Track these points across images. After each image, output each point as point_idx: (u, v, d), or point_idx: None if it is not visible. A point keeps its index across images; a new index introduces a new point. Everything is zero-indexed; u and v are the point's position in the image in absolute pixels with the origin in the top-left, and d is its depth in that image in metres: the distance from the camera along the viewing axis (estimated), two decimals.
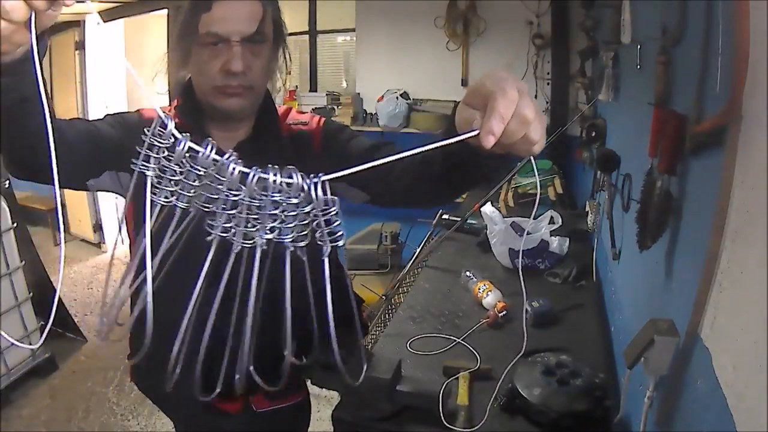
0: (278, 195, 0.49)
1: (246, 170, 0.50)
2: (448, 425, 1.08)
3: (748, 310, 0.61)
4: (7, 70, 0.59)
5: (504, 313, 1.53)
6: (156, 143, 0.49)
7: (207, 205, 0.51)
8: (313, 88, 4.40)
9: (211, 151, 0.49)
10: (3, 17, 0.48)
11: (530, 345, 1.39)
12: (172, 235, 0.53)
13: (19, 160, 0.80)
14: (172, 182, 0.49)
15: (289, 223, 0.50)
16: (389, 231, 3.49)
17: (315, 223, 0.50)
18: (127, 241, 1.20)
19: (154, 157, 0.49)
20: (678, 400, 0.81)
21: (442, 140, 0.56)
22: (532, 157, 0.60)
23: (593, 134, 2.13)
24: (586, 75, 2.61)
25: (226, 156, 0.50)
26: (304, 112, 1.14)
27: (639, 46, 1.38)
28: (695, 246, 0.81)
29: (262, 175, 0.49)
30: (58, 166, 0.84)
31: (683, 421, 0.79)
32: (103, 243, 4.66)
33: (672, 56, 1.03)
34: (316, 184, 0.50)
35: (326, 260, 0.52)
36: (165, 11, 4.15)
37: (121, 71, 4.73)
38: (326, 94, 4.04)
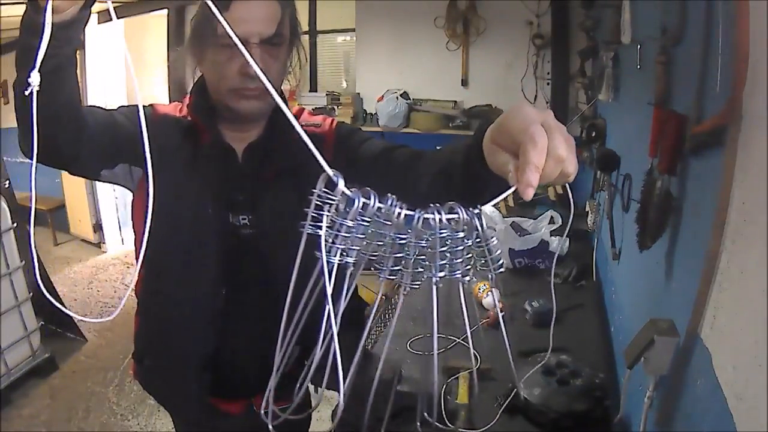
0: (445, 231, 0.49)
1: (410, 212, 0.49)
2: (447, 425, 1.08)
3: (748, 310, 0.61)
4: (62, 24, 0.57)
5: (504, 313, 1.53)
6: (326, 202, 0.49)
7: (374, 254, 0.50)
8: (313, 88, 4.40)
9: (376, 201, 0.48)
10: None
11: (530, 345, 1.39)
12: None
13: (42, 141, 0.78)
14: (346, 239, 0.49)
15: (457, 258, 0.50)
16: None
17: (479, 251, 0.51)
18: (126, 240, 1.20)
19: (326, 215, 0.48)
20: (678, 400, 0.81)
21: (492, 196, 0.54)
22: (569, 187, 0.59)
23: (593, 134, 2.13)
24: (586, 75, 2.61)
25: (389, 201, 0.49)
26: (316, 114, 1.13)
27: (639, 46, 1.38)
28: (695, 246, 0.81)
29: (426, 216, 0.49)
30: (77, 152, 0.83)
31: (683, 421, 0.79)
32: (103, 243, 4.66)
33: (672, 56, 1.03)
34: (478, 215, 0.50)
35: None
36: (165, 11, 4.15)
37: (120, 71, 4.74)
38: (326, 94, 4.04)
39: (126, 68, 4.58)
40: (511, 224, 1.95)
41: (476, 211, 0.50)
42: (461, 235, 0.50)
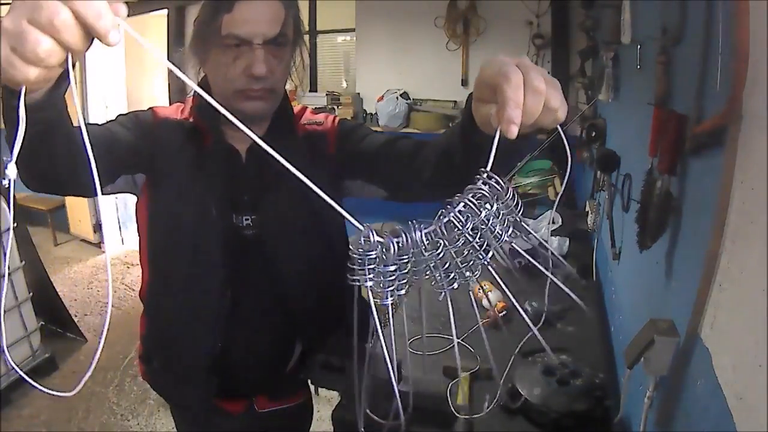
0: (474, 219, 0.50)
1: (429, 228, 0.50)
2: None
3: (748, 310, 0.61)
4: (37, 106, 0.55)
5: (504, 313, 1.53)
6: (367, 257, 0.50)
7: (416, 277, 0.52)
8: (313, 88, 4.40)
9: (407, 238, 0.49)
10: (39, 65, 0.45)
11: (530, 345, 1.39)
12: None
13: (41, 178, 0.77)
14: (394, 282, 0.51)
15: (495, 227, 0.51)
16: (389, 231, 3.48)
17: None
18: (126, 241, 1.20)
19: (369, 268, 0.50)
20: (678, 400, 0.81)
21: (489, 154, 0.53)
22: (559, 129, 0.58)
23: (593, 134, 2.13)
24: (586, 75, 2.61)
25: (413, 230, 0.50)
26: (319, 112, 1.13)
27: (639, 46, 1.38)
28: (695, 246, 0.81)
29: (450, 217, 0.49)
30: (78, 180, 0.82)
31: (683, 421, 0.79)
32: (103, 243, 4.66)
33: (672, 56, 1.03)
34: (490, 176, 0.50)
35: None
36: (165, 11, 4.16)
37: (120, 71, 4.74)
38: (326, 94, 4.04)
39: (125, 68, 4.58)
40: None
41: (485, 174, 0.50)
42: (493, 207, 0.49)
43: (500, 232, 0.51)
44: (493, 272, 0.52)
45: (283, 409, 1.16)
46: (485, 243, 0.51)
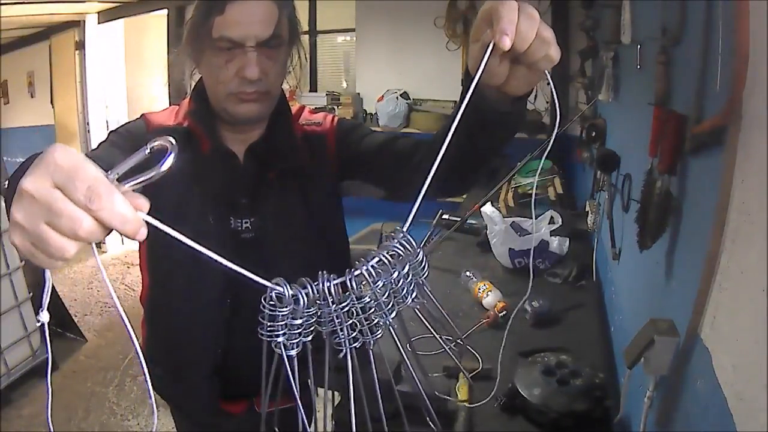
0: (380, 281, 0.51)
1: (339, 280, 0.51)
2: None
3: (748, 310, 0.61)
4: None
5: (504, 313, 1.53)
6: (279, 313, 0.51)
7: (323, 328, 0.52)
8: (313, 88, 4.40)
9: (313, 290, 0.51)
10: (62, 260, 0.42)
11: (530, 345, 1.39)
12: None
13: None
14: (300, 334, 0.51)
15: (401, 291, 0.52)
16: (389, 231, 3.48)
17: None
18: (126, 241, 1.20)
19: (280, 325, 0.51)
20: (678, 400, 0.81)
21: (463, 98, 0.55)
22: (547, 74, 0.58)
23: (593, 134, 2.13)
24: (586, 75, 2.61)
25: (324, 283, 0.51)
26: (317, 112, 1.12)
27: (639, 46, 1.38)
28: (695, 246, 0.81)
29: (361, 272, 0.51)
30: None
31: (683, 421, 0.79)
32: (103, 243, 4.66)
33: (672, 56, 1.03)
34: (405, 238, 0.52)
35: None
36: (165, 11, 4.16)
37: (120, 71, 4.74)
38: (326, 94, 4.04)
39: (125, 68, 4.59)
40: (511, 224, 1.95)
41: (401, 235, 0.52)
42: (395, 274, 0.51)
43: (406, 295, 0.51)
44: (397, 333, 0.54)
45: (283, 409, 1.16)
46: (391, 303, 0.51)
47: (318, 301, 0.50)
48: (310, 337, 0.51)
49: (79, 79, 4.53)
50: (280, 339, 0.50)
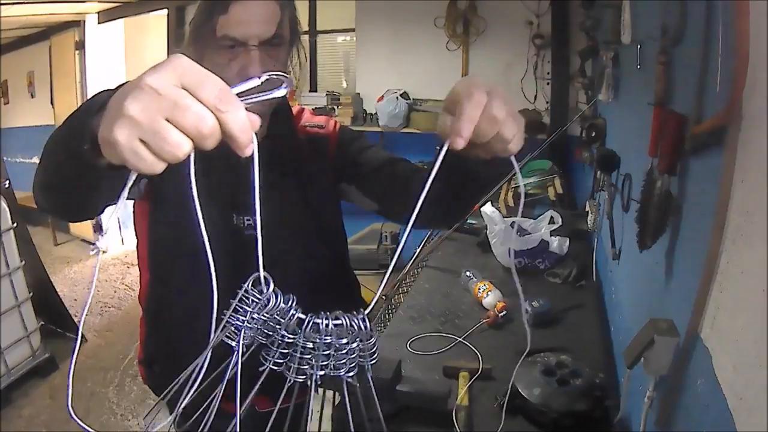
0: (329, 338, 0.54)
1: (303, 317, 0.54)
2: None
3: (748, 310, 0.61)
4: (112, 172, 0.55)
5: (504, 313, 1.53)
6: (254, 300, 0.56)
7: (263, 339, 0.56)
8: (313, 88, 4.40)
9: (278, 300, 0.55)
10: (171, 162, 0.44)
11: (530, 345, 1.39)
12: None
13: (65, 210, 0.82)
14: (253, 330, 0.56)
15: (341, 360, 0.54)
16: (389, 231, 3.49)
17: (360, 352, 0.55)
18: (126, 241, 1.21)
19: (250, 311, 0.56)
20: (678, 400, 0.81)
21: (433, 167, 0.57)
22: (513, 159, 0.59)
23: (593, 134, 2.13)
24: (586, 75, 2.61)
25: (289, 302, 0.55)
26: (317, 114, 1.13)
27: (639, 46, 1.38)
28: (695, 246, 0.81)
29: (316, 320, 0.54)
30: (96, 213, 0.84)
31: (683, 421, 0.79)
32: (99, 238, 4.66)
33: (672, 56, 1.03)
34: (363, 319, 0.54)
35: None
36: (165, 11, 4.16)
37: (120, 71, 4.74)
38: (326, 94, 4.04)
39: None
40: (511, 224, 1.95)
41: (362, 317, 0.54)
42: (344, 341, 0.53)
43: (342, 366, 0.54)
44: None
45: (282, 409, 1.17)
46: (329, 364, 0.54)
47: (277, 316, 0.54)
48: (245, 340, 0.56)
49: (79, 79, 4.53)
50: (234, 323, 0.56)
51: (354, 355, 0.55)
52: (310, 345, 0.54)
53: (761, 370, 0.54)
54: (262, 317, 0.55)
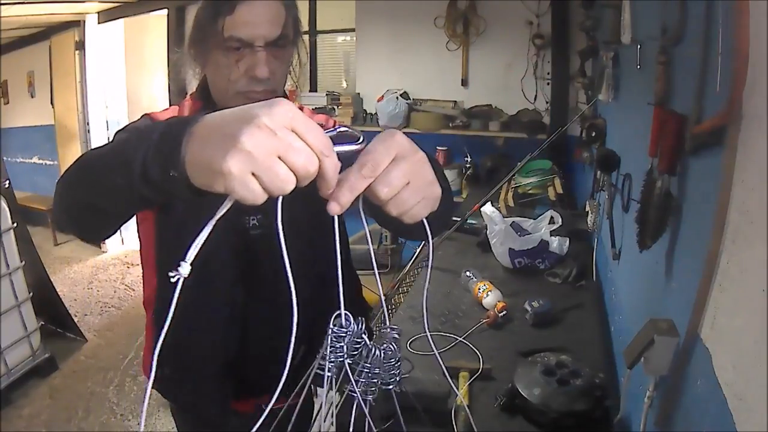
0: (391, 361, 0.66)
1: (368, 342, 0.63)
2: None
3: (748, 310, 0.61)
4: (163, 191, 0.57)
5: (504, 313, 1.53)
6: (342, 335, 0.62)
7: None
8: (313, 88, 4.40)
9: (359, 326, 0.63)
10: (274, 196, 0.48)
11: (530, 345, 1.39)
12: None
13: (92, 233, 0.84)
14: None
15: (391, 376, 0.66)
16: (389, 231, 3.49)
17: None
18: (127, 240, 1.20)
19: (341, 345, 0.63)
20: (678, 400, 0.81)
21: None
22: (424, 221, 0.60)
23: (593, 134, 2.13)
24: (586, 75, 2.61)
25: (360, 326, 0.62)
26: (317, 113, 1.14)
27: (639, 46, 1.38)
28: (695, 246, 0.81)
29: (380, 348, 0.64)
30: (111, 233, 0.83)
31: (683, 421, 0.79)
32: (103, 243, 4.66)
33: (672, 56, 1.03)
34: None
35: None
36: (165, 11, 4.16)
37: (120, 71, 4.74)
38: (326, 94, 4.04)
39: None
40: (511, 224, 1.95)
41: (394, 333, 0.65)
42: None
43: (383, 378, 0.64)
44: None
45: (288, 406, 1.17)
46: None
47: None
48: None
49: (79, 79, 4.53)
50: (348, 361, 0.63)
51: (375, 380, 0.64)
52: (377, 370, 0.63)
53: (761, 370, 0.54)
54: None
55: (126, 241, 4.68)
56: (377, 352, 0.63)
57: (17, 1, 3.40)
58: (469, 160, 3.55)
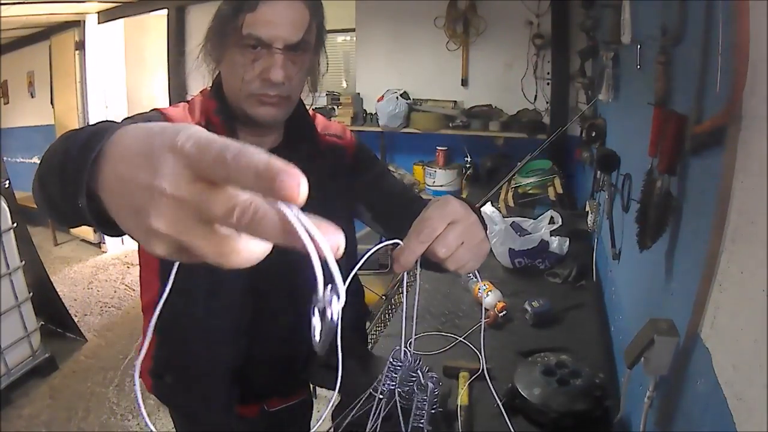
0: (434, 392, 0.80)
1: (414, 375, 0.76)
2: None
3: (748, 310, 0.61)
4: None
5: (504, 313, 1.53)
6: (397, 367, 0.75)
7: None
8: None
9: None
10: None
11: (530, 345, 1.39)
12: None
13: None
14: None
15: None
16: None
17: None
18: (127, 240, 1.19)
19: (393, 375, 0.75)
20: (678, 400, 0.81)
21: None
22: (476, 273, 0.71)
23: (593, 134, 2.13)
24: (586, 75, 2.61)
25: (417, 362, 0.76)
26: (330, 121, 1.12)
27: (639, 46, 1.38)
28: (695, 246, 0.81)
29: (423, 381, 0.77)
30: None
31: (683, 421, 0.79)
32: (103, 243, 4.66)
33: (672, 56, 1.03)
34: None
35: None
36: (165, 11, 4.16)
37: (120, 71, 4.73)
38: (326, 94, 4.04)
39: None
40: (511, 224, 1.95)
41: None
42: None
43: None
44: None
45: (290, 406, 1.17)
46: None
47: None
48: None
49: (79, 79, 4.52)
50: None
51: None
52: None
53: (761, 370, 0.54)
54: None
55: (126, 241, 4.68)
56: (434, 387, 0.76)
57: (17, 1, 3.40)
58: (469, 160, 3.56)
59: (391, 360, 0.71)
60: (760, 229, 0.58)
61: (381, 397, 0.71)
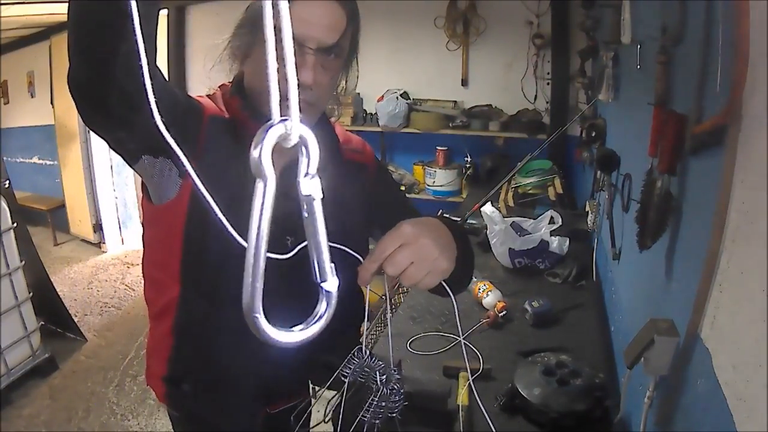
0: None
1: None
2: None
3: (748, 310, 0.61)
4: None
5: (504, 313, 1.53)
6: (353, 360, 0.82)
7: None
8: None
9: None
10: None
11: (530, 345, 1.39)
12: None
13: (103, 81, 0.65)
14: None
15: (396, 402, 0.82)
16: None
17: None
18: (127, 240, 1.18)
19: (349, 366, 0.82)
20: (678, 400, 0.81)
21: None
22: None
23: (593, 134, 2.13)
24: (586, 75, 2.61)
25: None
26: (347, 132, 1.08)
27: (639, 46, 1.38)
28: (695, 246, 0.81)
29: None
30: (140, 105, 0.58)
31: (683, 421, 0.79)
32: (103, 243, 4.66)
33: (672, 56, 1.03)
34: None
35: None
36: (165, 11, 4.16)
37: None
38: None
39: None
40: (511, 224, 1.95)
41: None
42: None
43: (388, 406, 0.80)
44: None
45: (291, 407, 1.17)
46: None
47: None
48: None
49: None
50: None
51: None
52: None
53: (761, 370, 0.54)
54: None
55: (126, 241, 4.68)
56: (385, 390, 0.79)
57: (17, 1, 3.40)
58: (469, 160, 3.55)
59: (354, 353, 0.79)
60: (760, 229, 0.58)
61: (344, 378, 0.79)
